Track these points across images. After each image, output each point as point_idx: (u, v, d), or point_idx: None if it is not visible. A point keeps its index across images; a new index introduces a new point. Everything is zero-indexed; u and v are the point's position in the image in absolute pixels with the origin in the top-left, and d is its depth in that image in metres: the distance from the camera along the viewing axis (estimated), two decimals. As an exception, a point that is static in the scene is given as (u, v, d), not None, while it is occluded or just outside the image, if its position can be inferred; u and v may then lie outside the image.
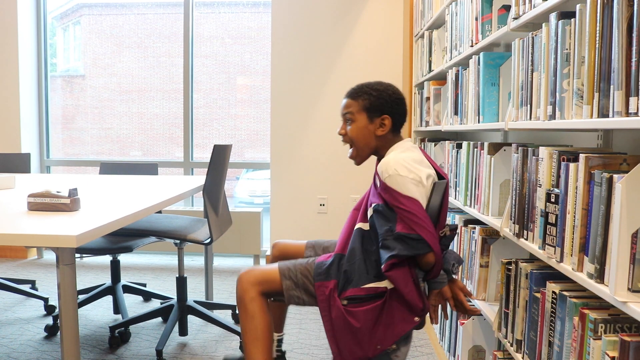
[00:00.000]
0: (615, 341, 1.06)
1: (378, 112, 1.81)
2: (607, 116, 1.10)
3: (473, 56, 2.15)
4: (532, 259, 1.67)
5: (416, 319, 1.70)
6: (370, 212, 1.74)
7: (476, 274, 2.06)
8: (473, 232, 2.13)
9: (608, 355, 1.07)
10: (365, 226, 1.77)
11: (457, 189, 2.39)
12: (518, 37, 1.67)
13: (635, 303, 1.01)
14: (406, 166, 1.68)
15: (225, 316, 3.10)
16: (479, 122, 2.07)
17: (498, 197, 1.93)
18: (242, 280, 1.84)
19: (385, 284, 1.69)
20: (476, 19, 2.11)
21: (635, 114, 0.99)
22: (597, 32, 1.14)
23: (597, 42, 1.14)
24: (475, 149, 2.13)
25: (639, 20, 0.99)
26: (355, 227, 1.79)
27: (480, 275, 2.05)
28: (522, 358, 1.58)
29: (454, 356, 2.30)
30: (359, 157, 1.87)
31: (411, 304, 1.68)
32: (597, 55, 1.14)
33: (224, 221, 2.82)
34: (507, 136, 2.34)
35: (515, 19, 1.66)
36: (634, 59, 1.01)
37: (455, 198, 2.42)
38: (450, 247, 2.07)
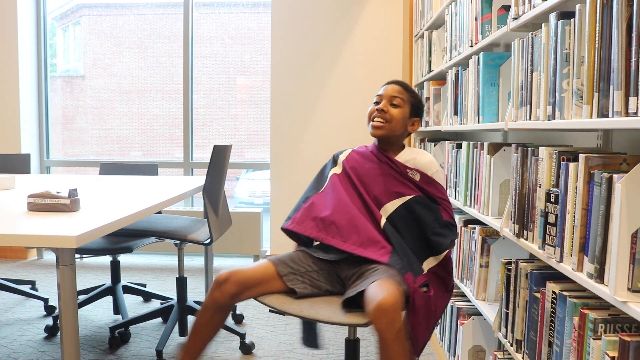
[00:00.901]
0: (615, 341, 1.06)
1: (415, 113, 2.02)
2: (607, 116, 1.10)
3: (473, 56, 2.15)
4: (532, 259, 1.67)
5: (447, 294, 1.86)
6: (398, 202, 1.88)
7: (476, 274, 2.06)
8: (473, 232, 2.13)
9: (608, 355, 1.07)
10: (384, 218, 1.87)
11: (457, 189, 2.39)
12: (518, 37, 1.67)
13: (635, 303, 1.01)
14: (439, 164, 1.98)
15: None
16: (478, 122, 2.07)
17: (498, 197, 1.93)
18: (394, 311, 1.50)
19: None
20: (476, 19, 2.11)
21: (635, 113, 0.99)
22: (597, 32, 1.14)
23: (597, 42, 1.14)
24: (475, 149, 2.13)
25: (639, 20, 0.99)
26: (383, 224, 1.86)
27: (480, 275, 2.05)
28: (522, 358, 1.58)
29: (454, 356, 2.30)
30: (386, 132, 1.95)
31: (449, 281, 1.87)
32: (596, 55, 1.14)
33: (224, 221, 2.82)
34: (507, 136, 2.34)
35: (514, 19, 1.66)
36: (633, 59, 1.01)
37: (455, 198, 2.42)
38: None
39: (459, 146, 2.40)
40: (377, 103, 1.98)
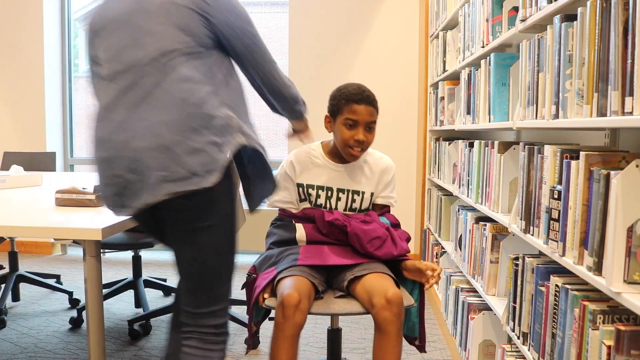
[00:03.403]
0: (612, 331, 1.11)
1: None
2: (606, 115, 1.14)
3: (485, 57, 2.19)
4: (540, 254, 1.71)
5: None
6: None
7: (487, 270, 2.11)
8: (484, 229, 2.18)
9: (604, 344, 1.12)
10: None
11: (470, 186, 2.44)
12: (525, 38, 1.72)
13: (629, 293, 1.05)
14: None
15: (241, 312, 3.18)
16: (489, 121, 2.12)
17: (507, 194, 1.98)
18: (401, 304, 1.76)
19: None
20: (487, 21, 2.15)
21: (630, 113, 1.04)
22: (596, 34, 1.18)
23: (597, 44, 1.18)
24: (487, 148, 2.18)
25: (634, 23, 1.04)
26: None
27: (491, 271, 2.09)
28: (529, 350, 1.63)
29: (465, 350, 2.34)
30: (361, 156, 2.04)
31: None
32: (596, 57, 1.19)
33: (240, 217, 2.90)
34: (520, 135, 2.38)
35: (522, 21, 1.70)
36: (629, 61, 1.05)
37: (468, 196, 2.47)
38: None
39: (471, 145, 2.44)
40: (351, 126, 1.95)
